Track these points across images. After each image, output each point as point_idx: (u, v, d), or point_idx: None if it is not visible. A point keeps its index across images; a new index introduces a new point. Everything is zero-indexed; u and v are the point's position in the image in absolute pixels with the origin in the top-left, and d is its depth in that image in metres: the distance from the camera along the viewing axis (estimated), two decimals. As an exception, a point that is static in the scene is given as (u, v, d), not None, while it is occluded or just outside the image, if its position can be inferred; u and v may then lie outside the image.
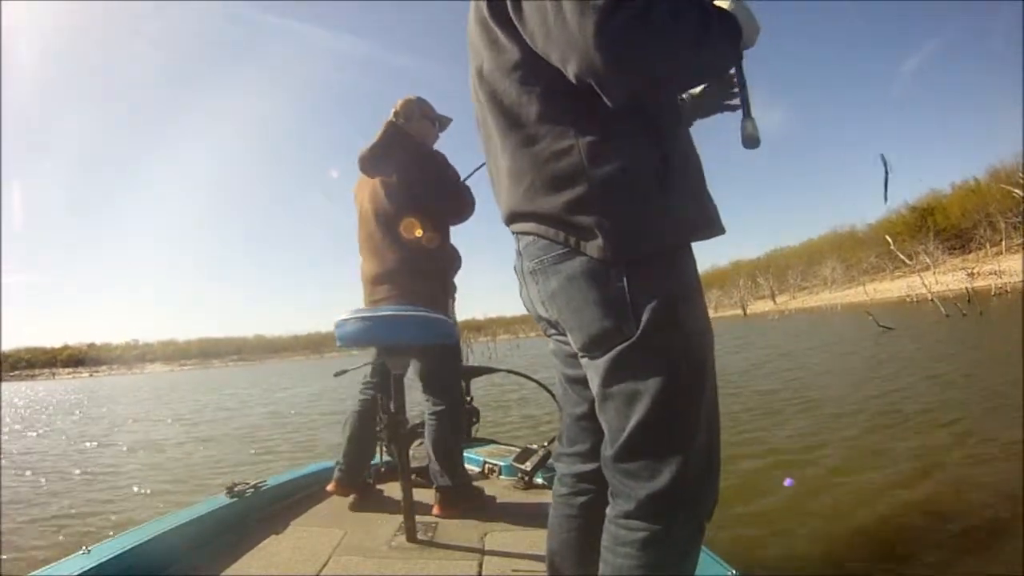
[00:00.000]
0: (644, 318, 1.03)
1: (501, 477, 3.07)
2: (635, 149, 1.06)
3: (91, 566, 1.72)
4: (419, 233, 2.57)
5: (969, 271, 38.93)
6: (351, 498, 2.62)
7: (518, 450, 3.10)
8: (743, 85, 1.22)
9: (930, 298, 32.23)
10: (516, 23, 1.07)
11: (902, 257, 40.88)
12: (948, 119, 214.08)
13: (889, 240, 41.03)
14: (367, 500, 2.63)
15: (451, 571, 1.94)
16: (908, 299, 42.38)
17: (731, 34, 1.06)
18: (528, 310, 1.34)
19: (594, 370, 1.12)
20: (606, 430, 1.13)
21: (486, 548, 2.12)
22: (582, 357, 1.16)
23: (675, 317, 1.05)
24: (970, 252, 72.98)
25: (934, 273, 35.95)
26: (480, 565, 1.98)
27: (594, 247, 1.04)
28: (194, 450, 8.52)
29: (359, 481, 2.69)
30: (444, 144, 2.93)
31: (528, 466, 2.88)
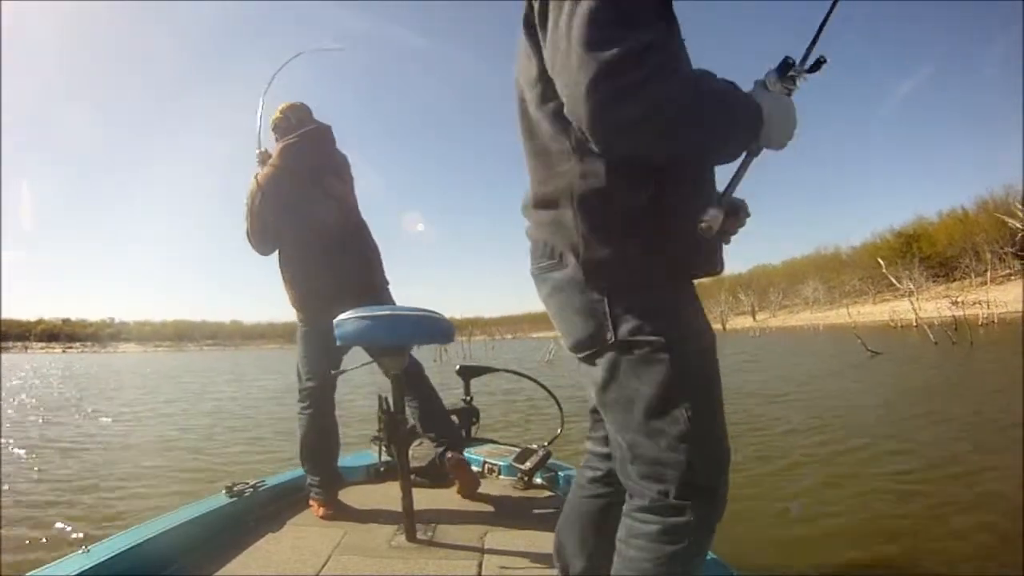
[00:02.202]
0: (623, 328, 1.09)
1: (501, 477, 3.08)
2: (627, 183, 1.09)
3: (90, 566, 1.71)
4: None
5: (953, 299, 38.59)
6: (332, 511, 2.52)
7: (518, 450, 3.09)
8: (738, 173, 1.15)
9: (915, 324, 31.88)
10: (539, 38, 1.09)
11: (893, 280, 40.69)
12: (938, 146, 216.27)
13: (881, 262, 40.86)
14: (348, 509, 2.56)
15: (451, 571, 1.94)
16: (893, 324, 42.05)
17: (747, 125, 1.06)
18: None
19: (589, 375, 1.19)
20: (608, 434, 1.22)
21: (486, 548, 2.12)
22: (577, 359, 1.21)
23: (657, 328, 1.09)
24: (954, 280, 73.12)
25: (917, 299, 35.47)
26: (480, 565, 1.98)
27: (574, 265, 1.13)
28: (79, 466, 6.56)
29: (335, 488, 2.62)
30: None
31: (528, 466, 2.88)
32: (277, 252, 2.77)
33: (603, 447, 1.41)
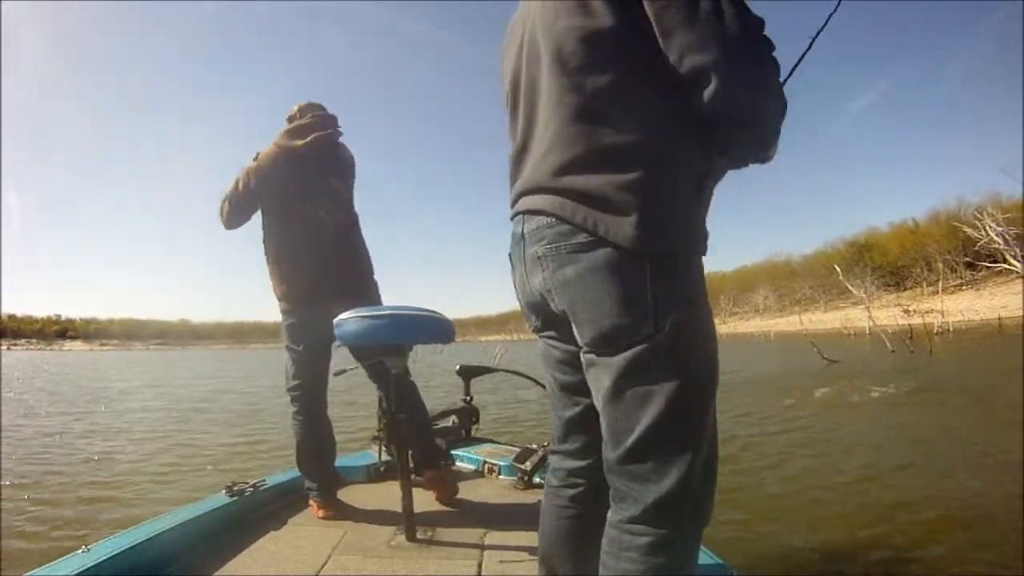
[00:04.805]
0: (663, 319, 1.04)
1: (501, 477, 3.05)
2: (689, 154, 1.09)
3: (90, 565, 1.71)
4: None
5: (905, 308, 38.54)
6: (333, 512, 2.50)
7: (518, 450, 3.05)
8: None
9: (868, 332, 32.52)
10: None
11: (849, 287, 40.36)
12: (891, 159, 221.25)
13: (838, 269, 40.64)
14: (348, 509, 2.54)
15: (451, 571, 1.94)
16: (846, 331, 41.53)
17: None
18: (521, 299, 1.34)
19: (603, 368, 1.11)
20: (609, 431, 1.13)
21: (486, 548, 2.12)
22: (587, 353, 1.14)
23: (691, 320, 1.07)
24: (905, 290, 73.96)
25: (867, 308, 35.06)
26: (480, 565, 1.98)
27: (626, 234, 1.03)
28: None
29: (334, 488, 2.60)
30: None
31: (528, 466, 2.84)
32: (264, 237, 2.69)
33: (580, 460, 1.35)
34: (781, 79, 1.06)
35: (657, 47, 1.02)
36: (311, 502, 2.52)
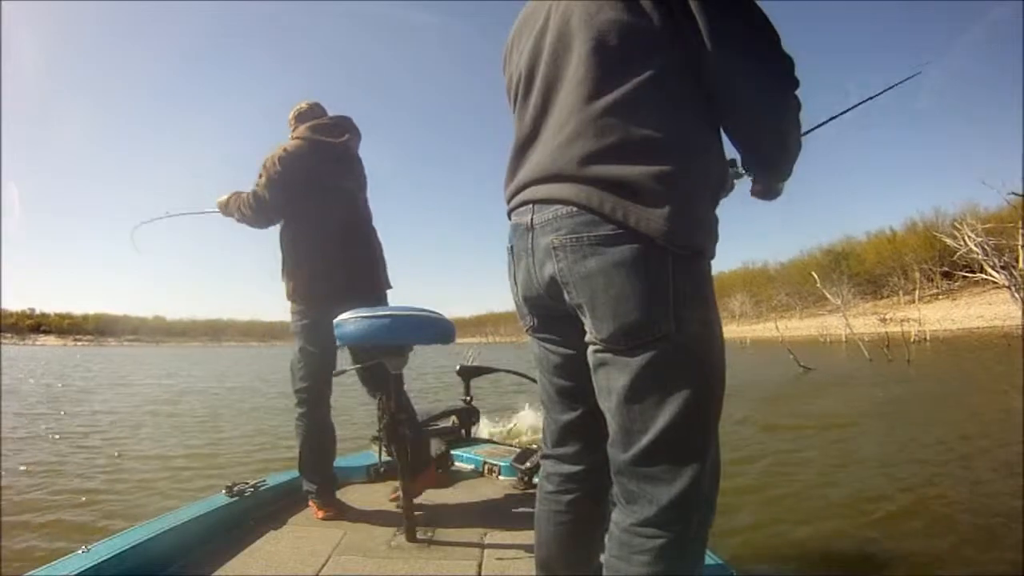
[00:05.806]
0: (683, 318, 1.04)
1: (501, 477, 3.04)
2: (713, 156, 1.13)
3: (90, 565, 1.70)
4: None
5: (882, 317, 38.35)
6: (333, 512, 2.49)
7: (518, 450, 3.09)
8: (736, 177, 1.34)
9: (845, 339, 32.57)
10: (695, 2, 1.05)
11: (827, 295, 40.36)
12: (869, 169, 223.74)
13: (815, 276, 40.65)
14: (348, 509, 2.53)
15: (451, 571, 1.94)
16: (822, 339, 41.59)
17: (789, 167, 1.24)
18: (518, 295, 1.29)
19: (618, 367, 1.08)
20: (621, 431, 1.11)
21: (486, 548, 2.12)
22: (600, 352, 1.11)
23: (707, 321, 1.08)
24: (881, 298, 74.44)
25: (844, 315, 34.95)
26: (480, 565, 1.98)
27: (657, 226, 1.02)
28: None
29: (334, 489, 2.58)
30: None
31: (528, 466, 2.82)
32: (281, 237, 2.67)
33: (576, 465, 1.33)
34: (801, 128, 1.14)
35: (693, 52, 1.04)
36: (311, 503, 2.49)
